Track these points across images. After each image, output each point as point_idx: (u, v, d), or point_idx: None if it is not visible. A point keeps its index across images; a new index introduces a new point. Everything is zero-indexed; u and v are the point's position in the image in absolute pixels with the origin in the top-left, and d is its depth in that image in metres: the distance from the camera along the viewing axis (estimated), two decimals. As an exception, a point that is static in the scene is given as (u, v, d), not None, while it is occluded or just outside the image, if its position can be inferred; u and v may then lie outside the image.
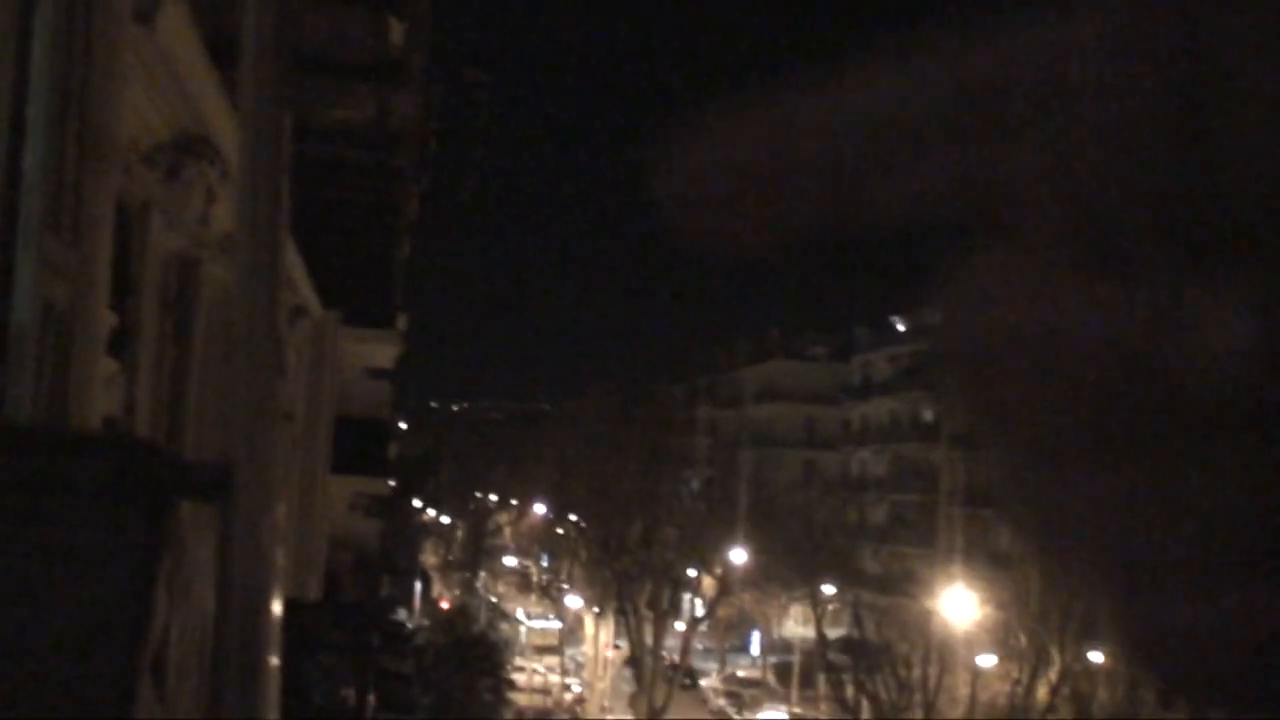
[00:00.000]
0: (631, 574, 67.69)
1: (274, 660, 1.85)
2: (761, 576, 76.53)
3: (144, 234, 9.48)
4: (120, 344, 8.93)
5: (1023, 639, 55.05)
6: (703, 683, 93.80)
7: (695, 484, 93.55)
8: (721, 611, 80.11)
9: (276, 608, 1.86)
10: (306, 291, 20.48)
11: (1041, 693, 52.41)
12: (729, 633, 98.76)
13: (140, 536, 1.87)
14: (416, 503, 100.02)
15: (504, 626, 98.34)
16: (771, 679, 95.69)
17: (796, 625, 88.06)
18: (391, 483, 45.46)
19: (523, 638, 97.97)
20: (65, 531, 1.89)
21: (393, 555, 62.80)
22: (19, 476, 1.88)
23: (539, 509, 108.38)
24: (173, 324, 10.81)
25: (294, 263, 17.79)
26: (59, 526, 1.89)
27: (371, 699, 22.78)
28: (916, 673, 54.14)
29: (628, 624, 67.74)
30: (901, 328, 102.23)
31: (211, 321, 12.39)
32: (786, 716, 77.93)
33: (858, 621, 60.24)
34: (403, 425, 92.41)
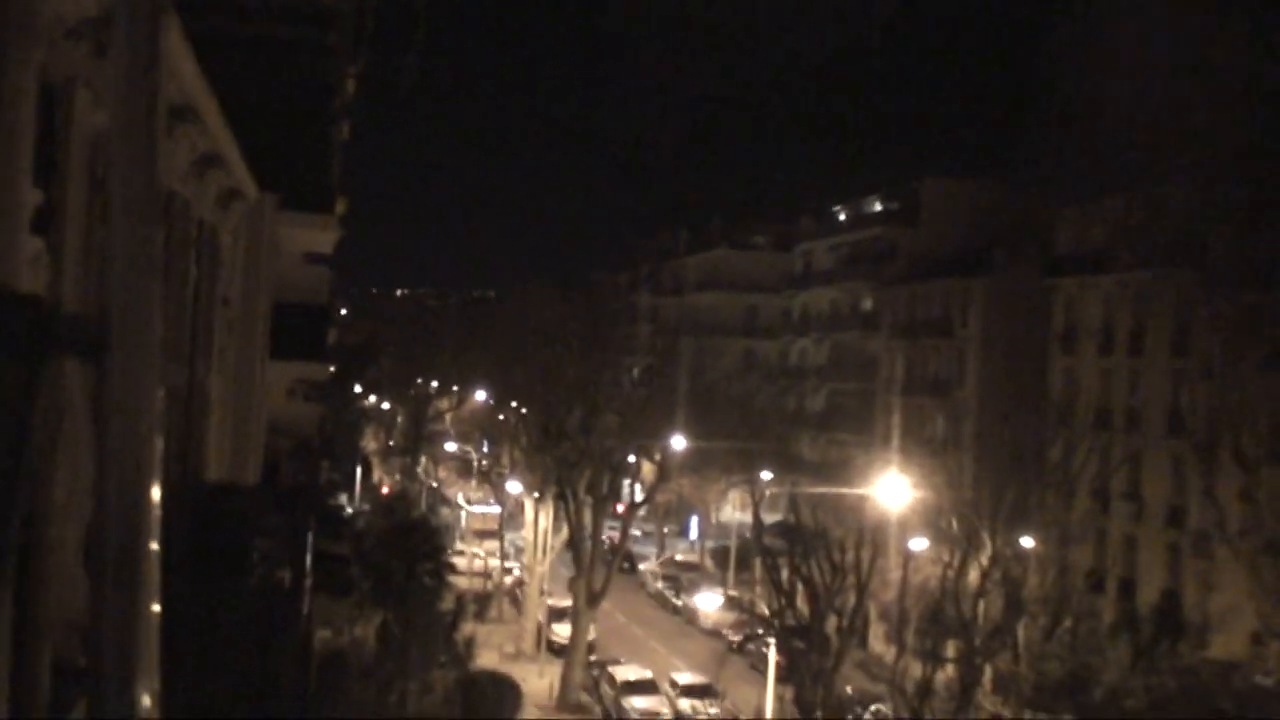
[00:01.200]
0: (571, 460, 67.72)
1: (153, 546, 1.81)
2: (700, 463, 76.95)
3: (69, 111, 9.35)
4: (46, 222, 8.83)
5: (955, 524, 55.56)
6: (641, 567, 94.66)
7: (636, 371, 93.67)
8: (660, 497, 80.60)
9: (155, 491, 1.81)
10: (241, 174, 20.26)
11: (973, 576, 52.95)
12: (667, 518, 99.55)
13: (13, 389, 1.84)
14: (357, 389, 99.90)
15: (445, 511, 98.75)
16: (709, 563, 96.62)
17: (734, 511, 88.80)
18: (331, 369, 45.26)
19: (463, 522, 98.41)
20: None
21: (333, 441, 62.78)
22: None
23: (480, 395, 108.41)
24: (103, 204, 10.68)
25: (228, 144, 17.58)
26: None
27: (309, 581, 22.84)
28: (850, 556, 54.55)
29: (567, 509, 67.94)
30: (843, 218, 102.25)
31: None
32: (723, 599, 78.73)
33: (794, 507, 60.58)
34: (343, 311, 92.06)
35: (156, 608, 1.75)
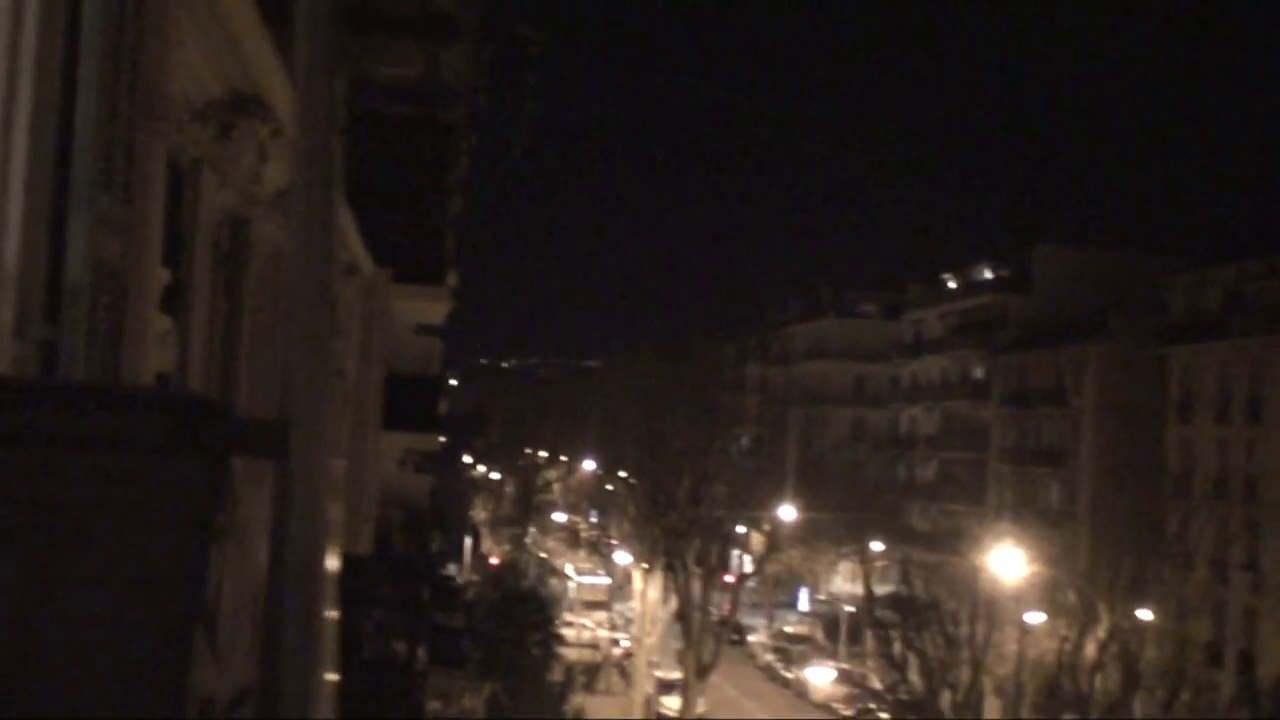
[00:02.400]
0: (680, 530, 67.69)
1: (329, 614, 1.88)
2: (810, 533, 76.60)
3: (196, 192, 9.54)
4: (173, 301, 9.00)
5: (1071, 596, 54.93)
6: (750, 638, 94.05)
7: (744, 441, 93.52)
8: (770, 568, 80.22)
9: (331, 564, 1.89)
10: (358, 249, 20.55)
11: (1090, 650, 52.30)
12: (777, 589, 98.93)
13: (198, 492, 1.90)
14: (466, 459, 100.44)
15: (553, 582, 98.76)
16: (819, 635, 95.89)
17: (844, 582, 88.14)
18: (441, 439, 45.58)
19: (572, 593, 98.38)
20: (125, 487, 1.92)
21: (443, 511, 63.04)
22: (79, 433, 1.92)
23: (588, 465, 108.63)
24: (224, 281, 10.88)
25: (345, 220, 17.85)
26: (119, 482, 1.92)
27: (422, 652, 22.91)
28: (964, 629, 54.10)
29: (676, 580, 67.83)
30: (953, 285, 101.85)
31: (263, 278, 12.46)
32: (834, 672, 78.08)
33: (906, 578, 60.17)
34: (453, 382, 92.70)
35: (333, 676, 1.81)
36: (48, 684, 1.89)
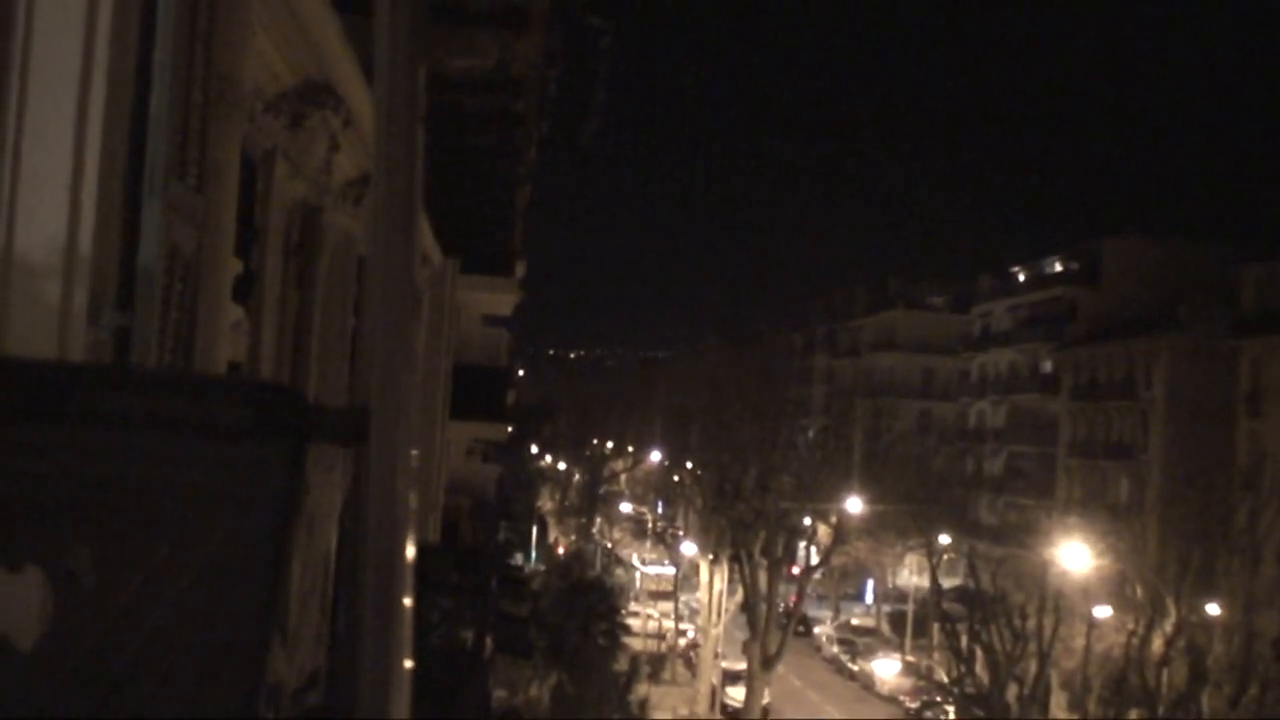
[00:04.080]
0: (746, 521, 67.55)
1: (408, 603, 1.89)
2: (876, 525, 76.38)
3: (269, 181, 9.60)
4: (245, 290, 9.06)
5: (1139, 590, 54.55)
6: (816, 630, 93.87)
7: (811, 432, 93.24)
8: (836, 560, 79.94)
9: (410, 552, 1.90)
10: (428, 239, 20.65)
11: (1157, 644, 51.94)
12: (843, 581, 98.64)
13: (280, 480, 1.91)
14: (534, 449, 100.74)
15: (619, 572, 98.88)
16: (885, 628, 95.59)
17: (911, 575, 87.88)
18: (509, 429, 45.76)
19: (638, 583, 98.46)
20: (205, 473, 1.93)
21: (510, 500, 63.33)
22: (160, 417, 1.93)
23: (655, 456, 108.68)
24: (295, 271, 10.94)
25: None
26: (199, 468, 1.93)
27: (489, 640, 23.00)
28: (1031, 623, 53.79)
29: (742, 571, 67.75)
30: (1022, 278, 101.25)
31: (333, 268, 12.52)
32: (900, 665, 77.84)
33: (973, 571, 59.87)
34: (520, 372, 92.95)
35: (410, 663, 1.82)
36: (123, 671, 1.91)
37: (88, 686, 1.90)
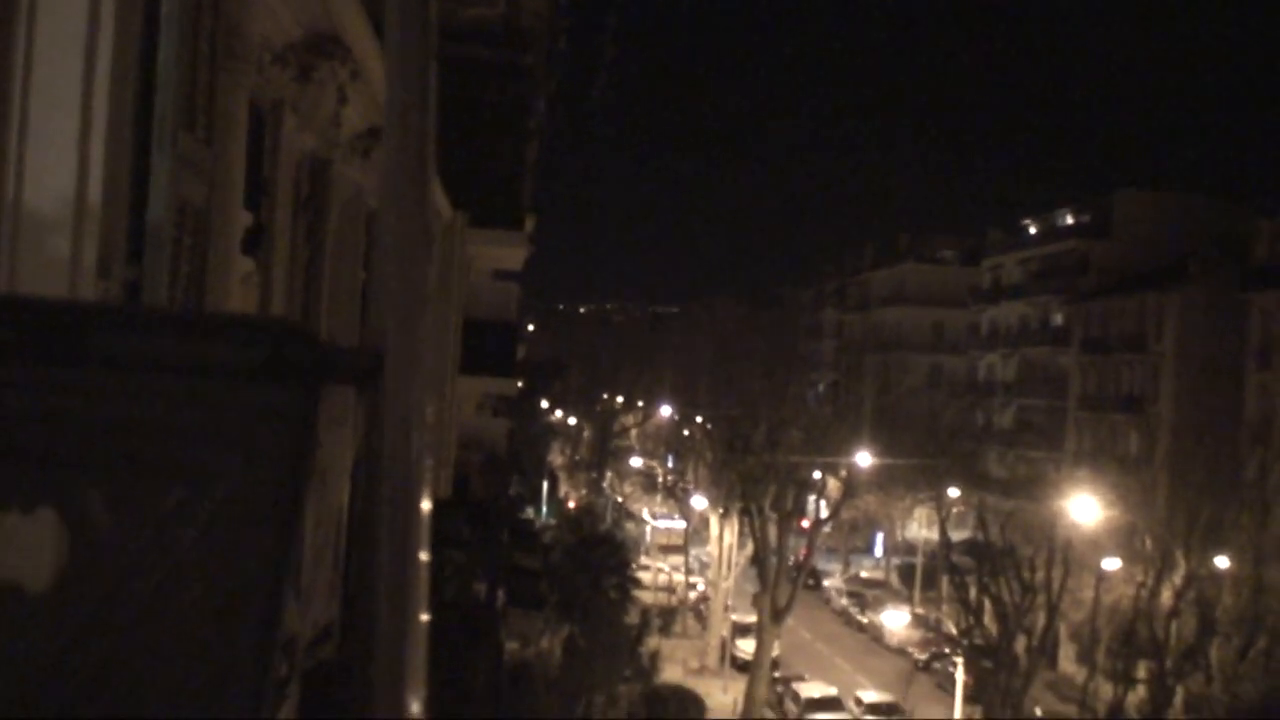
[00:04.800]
0: (756, 475, 67.59)
1: (424, 557, 1.90)
2: (886, 479, 76.40)
3: (277, 134, 9.60)
4: (255, 243, 9.08)
5: (1148, 543, 54.62)
6: (826, 583, 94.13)
7: (821, 386, 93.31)
8: (845, 513, 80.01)
9: (426, 502, 1.91)
10: (436, 193, 20.62)
11: (1166, 597, 52.03)
12: (853, 534, 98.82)
13: (294, 422, 1.92)
14: (544, 403, 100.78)
15: (630, 526, 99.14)
16: (895, 580, 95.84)
17: (920, 528, 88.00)
18: (519, 384, 45.79)
19: (648, 537, 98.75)
20: (217, 414, 1.94)
21: (521, 455, 63.39)
22: (171, 359, 1.94)
23: (665, 410, 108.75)
24: (306, 223, 10.95)
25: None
26: (211, 409, 1.94)
27: (501, 593, 23.10)
28: (1040, 575, 53.86)
29: (752, 525, 67.83)
30: (1033, 230, 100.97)
31: (343, 221, 12.52)
32: (909, 617, 78.06)
33: (982, 524, 59.92)
34: (530, 327, 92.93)
35: (426, 617, 1.83)
36: (136, 617, 1.92)
37: (100, 631, 1.91)
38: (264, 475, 1.91)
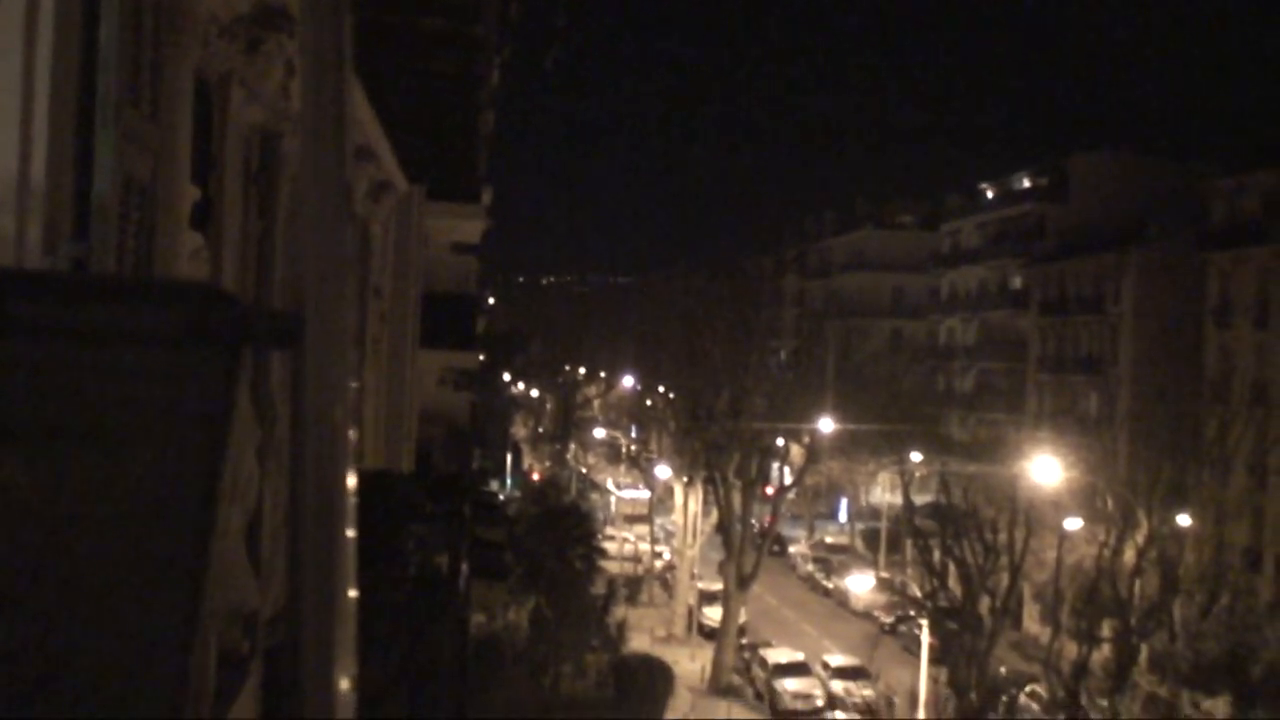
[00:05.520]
0: (720, 443, 67.68)
1: (350, 530, 1.86)
2: (849, 444, 76.57)
3: (225, 108, 9.52)
4: (204, 218, 9.00)
5: (1110, 503, 54.91)
6: (791, 550, 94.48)
7: (783, 354, 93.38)
8: (809, 479, 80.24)
9: (351, 476, 1.86)
10: (391, 166, 20.51)
11: (1129, 556, 52.34)
12: (817, 500, 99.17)
13: (216, 387, 1.89)
14: (506, 376, 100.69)
15: (594, 496, 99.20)
16: (859, 545, 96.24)
17: (884, 492, 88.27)
18: (481, 357, 45.68)
19: (613, 507, 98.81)
20: (138, 383, 1.91)
21: (484, 428, 63.36)
22: (88, 325, 1.91)
23: (627, 381, 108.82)
24: (256, 197, 10.87)
25: (378, 137, 17.81)
26: (132, 378, 1.91)
27: (465, 566, 23.05)
28: (1003, 537, 54.12)
29: (716, 493, 67.94)
30: (991, 195, 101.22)
31: (295, 195, 12.43)
32: (874, 581, 78.39)
33: (945, 487, 60.19)
34: (491, 300, 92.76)
35: (354, 593, 1.79)
36: (56, 584, 1.89)
37: (21, 599, 1.89)
38: (186, 440, 1.89)
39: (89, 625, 1.87)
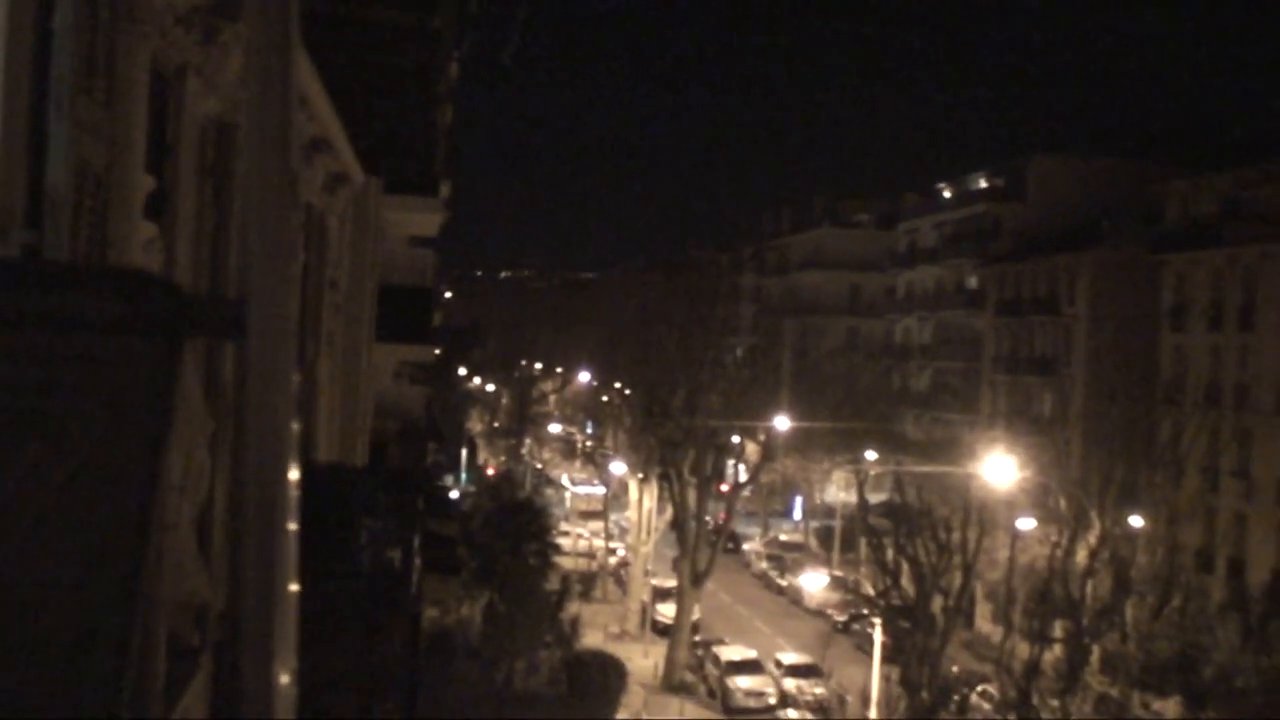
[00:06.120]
0: (675, 440, 67.67)
1: (292, 524, 1.85)
2: (804, 442, 76.76)
3: (180, 98, 9.46)
4: (159, 208, 8.95)
5: (1063, 503, 55.16)
6: (745, 547, 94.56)
7: (739, 351, 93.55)
8: (764, 477, 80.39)
9: (293, 470, 1.85)
10: (348, 158, 20.43)
11: (1081, 556, 52.57)
12: (772, 498, 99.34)
13: (156, 374, 1.87)
14: (462, 371, 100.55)
15: (549, 492, 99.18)
16: (813, 543, 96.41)
17: (839, 490, 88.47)
18: (437, 351, 45.61)
19: (568, 503, 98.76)
20: (75, 368, 1.89)
21: (439, 422, 63.20)
22: (25, 311, 1.89)
23: (584, 376, 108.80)
24: (212, 188, 10.81)
25: (335, 128, 17.73)
26: (68, 363, 1.90)
27: (418, 561, 23.00)
28: (956, 536, 54.26)
29: (671, 490, 67.93)
30: (948, 195, 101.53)
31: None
32: (827, 579, 78.55)
33: (899, 486, 60.33)
34: (448, 294, 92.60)
35: (295, 587, 1.78)
36: (1, 570, 1.88)
37: None
38: (126, 428, 1.87)
39: (28, 614, 1.85)
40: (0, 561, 1.86)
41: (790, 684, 61.90)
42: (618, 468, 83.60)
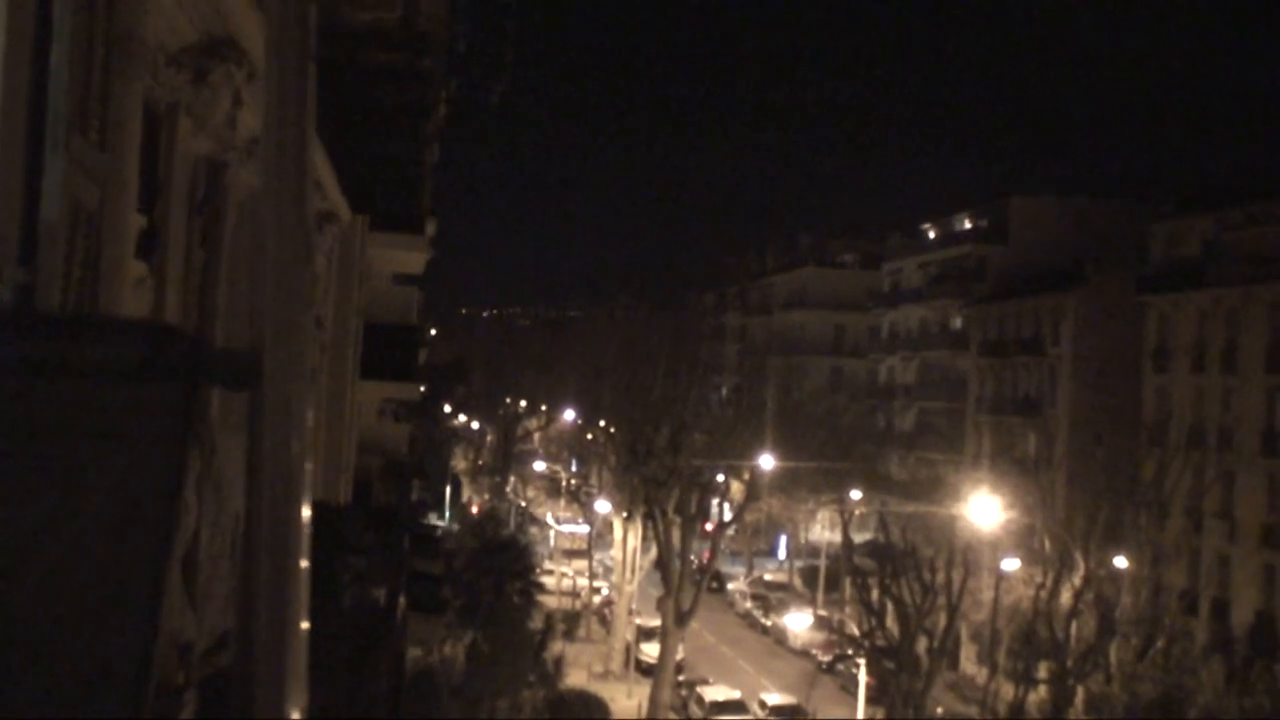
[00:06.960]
0: (660, 479, 67.61)
1: (304, 562, 1.89)
2: (789, 482, 76.70)
3: (172, 137, 9.51)
4: (149, 246, 8.98)
5: (1047, 544, 55.20)
6: (730, 586, 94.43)
7: (724, 390, 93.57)
8: (749, 516, 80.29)
9: (306, 509, 1.89)
10: (335, 196, 20.47)
11: (1066, 597, 52.58)
12: (756, 537, 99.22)
13: (172, 421, 1.91)
14: (447, 408, 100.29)
15: (533, 530, 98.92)
16: (798, 583, 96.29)
17: (823, 530, 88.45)
18: (421, 389, 45.52)
19: (552, 541, 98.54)
20: (97, 414, 1.93)
21: (423, 460, 63.07)
22: (51, 360, 1.93)
23: (568, 415, 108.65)
24: (201, 227, 10.84)
25: (322, 166, 17.79)
26: (91, 410, 1.93)
27: (402, 599, 22.98)
28: (941, 577, 54.26)
29: (655, 529, 67.83)
30: (932, 235, 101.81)
31: (239, 225, 12.41)
32: (812, 619, 78.44)
33: (884, 526, 60.35)
34: (433, 331, 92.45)
35: (306, 624, 1.81)
36: (21, 608, 1.90)
37: None
38: (142, 474, 1.90)
39: (46, 653, 1.88)
40: (23, 599, 1.88)
41: (774, 725, 61.72)
42: (602, 506, 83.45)
